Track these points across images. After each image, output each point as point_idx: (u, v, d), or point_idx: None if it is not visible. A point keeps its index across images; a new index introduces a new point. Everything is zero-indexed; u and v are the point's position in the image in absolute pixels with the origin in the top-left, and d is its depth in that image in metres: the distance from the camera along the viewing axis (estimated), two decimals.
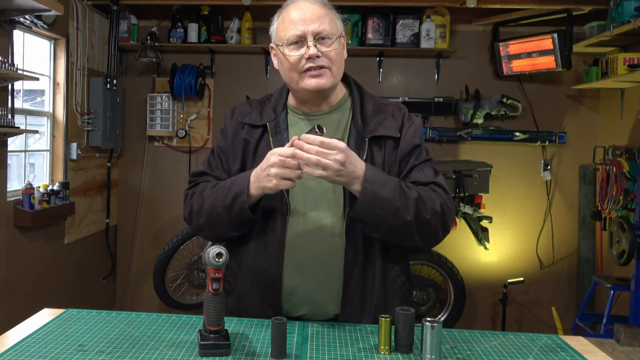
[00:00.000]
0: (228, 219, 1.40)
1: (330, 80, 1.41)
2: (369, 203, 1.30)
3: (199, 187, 1.49)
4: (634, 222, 3.20)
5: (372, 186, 1.30)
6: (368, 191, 1.30)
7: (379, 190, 1.30)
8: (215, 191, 1.42)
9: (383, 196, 1.30)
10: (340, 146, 1.25)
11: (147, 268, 4.25)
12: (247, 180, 1.37)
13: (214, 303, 1.18)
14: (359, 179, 1.30)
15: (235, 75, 4.24)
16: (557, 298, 4.15)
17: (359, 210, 1.32)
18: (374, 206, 1.30)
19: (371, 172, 1.32)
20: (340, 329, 1.35)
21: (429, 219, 1.35)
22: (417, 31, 3.91)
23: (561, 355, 1.24)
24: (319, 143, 1.25)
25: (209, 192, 1.44)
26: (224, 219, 1.40)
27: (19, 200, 3.07)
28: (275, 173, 1.29)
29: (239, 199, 1.36)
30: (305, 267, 1.41)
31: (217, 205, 1.40)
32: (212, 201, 1.41)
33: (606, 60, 3.47)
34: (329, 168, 1.25)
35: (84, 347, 1.20)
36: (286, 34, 1.41)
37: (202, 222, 1.46)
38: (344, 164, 1.26)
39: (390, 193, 1.31)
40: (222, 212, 1.39)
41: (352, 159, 1.28)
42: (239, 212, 1.37)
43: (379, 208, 1.30)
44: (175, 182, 4.25)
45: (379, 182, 1.31)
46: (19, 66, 2.97)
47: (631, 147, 3.51)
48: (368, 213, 1.32)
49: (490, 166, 3.81)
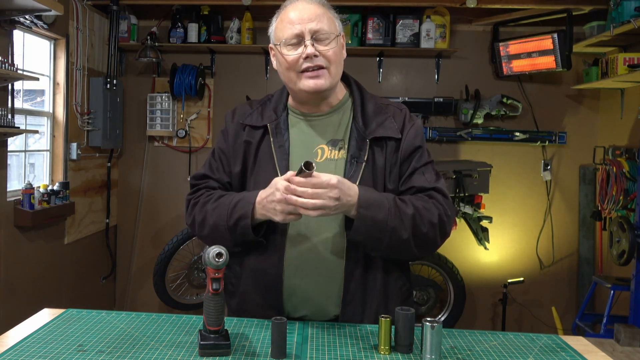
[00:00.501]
0: (230, 238, 1.40)
1: (329, 80, 1.41)
2: (364, 228, 1.32)
3: (202, 198, 1.48)
4: (634, 222, 3.20)
5: (366, 211, 1.31)
6: (362, 216, 1.31)
7: (373, 214, 1.31)
8: (219, 209, 1.42)
9: (378, 219, 1.31)
10: (333, 182, 1.25)
11: (147, 268, 4.25)
12: (251, 205, 1.36)
13: (214, 303, 1.18)
14: (354, 205, 1.31)
15: (235, 75, 4.24)
16: (557, 298, 4.15)
17: (356, 235, 1.33)
18: (370, 229, 1.32)
19: (365, 197, 1.32)
20: (341, 329, 1.36)
21: (426, 232, 1.36)
22: (417, 31, 3.91)
23: (561, 355, 1.24)
24: (311, 186, 1.25)
25: (212, 207, 1.43)
26: (227, 237, 1.40)
27: (19, 200, 3.07)
28: (281, 209, 1.30)
29: (241, 222, 1.37)
30: (305, 268, 1.41)
31: (220, 224, 1.40)
32: (215, 219, 1.41)
33: (606, 60, 3.47)
34: (326, 207, 1.26)
35: (84, 347, 1.20)
36: (284, 34, 1.41)
37: (204, 235, 1.47)
38: (339, 199, 1.27)
39: (385, 214, 1.32)
40: (225, 231, 1.40)
41: (345, 189, 1.28)
42: (241, 234, 1.38)
43: (376, 230, 1.32)
44: (175, 182, 4.25)
45: (374, 205, 1.32)
46: (19, 66, 2.97)
47: (631, 147, 3.51)
48: (365, 236, 1.33)
49: (490, 166, 3.81)
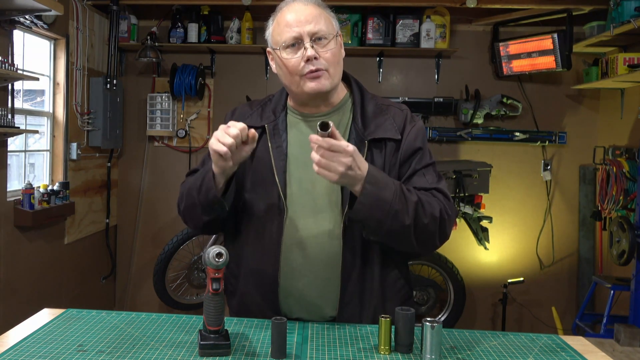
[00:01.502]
0: (199, 201, 1.40)
1: (329, 82, 1.40)
2: (368, 204, 1.28)
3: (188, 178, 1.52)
4: (634, 222, 3.20)
5: (372, 187, 1.28)
6: (368, 192, 1.27)
7: (379, 192, 1.28)
8: (194, 178, 1.44)
9: (383, 198, 1.28)
10: (349, 149, 1.23)
11: (147, 268, 4.25)
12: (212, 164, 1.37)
13: (214, 303, 1.18)
14: (361, 180, 1.28)
15: (235, 75, 4.24)
16: (557, 298, 4.15)
17: (358, 211, 1.30)
18: (373, 208, 1.28)
19: (373, 173, 1.29)
20: (341, 329, 1.35)
21: (427, 224, 1.33)
22: (417, 31, 3.91)
23: (561, 355, 1.24)
24: (327, 146, 1.23)
25: (191, 179, 1.46)
26: (196, 202, 1.40)
27: (19, 200, 3.07)
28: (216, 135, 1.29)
29: (206, 178, 1.37)
30: (302, 270, 1.41)
31: (192, 188, 1.41)
32: (189, 186, 1.44)
33: (606, 60, 3.47)
34: (333, 170, 1.23)
35: (84, 347, 1.20)
36: (282, 37, 1.39)
37: (182, 208, 1.48)
38: (350, 167, 1.24)
39: (391, 195, 1.29)
40: (195, 194, 1.40)
41: (358, 161, 1.26)
42: (205, 192, 1.37)
43: (379, 210, 1.28)
44: (175, 183, 4.23)
45: (381, 183, 1.29)
46: (19, 66, 2.97)
47: (631, 147, 3.51)
48: (367, 214, 1.30)
49: (490, 166, 3.82)
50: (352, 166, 1.24)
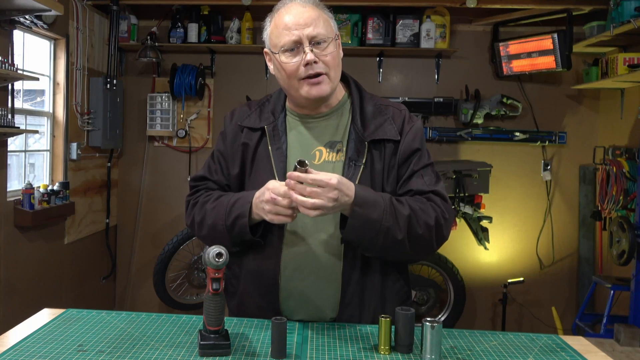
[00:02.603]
0: (229, 238, 1.40)
1: (329, 86, 1.40)
2: (359, 226, 1.30)
3: (201, 198, 1.49)
4: (634, 222, 3.20)
5: (361, 209, 1.29)
6: (357, 214, 1.29)
7: (369, 213, 1.29)
8: (218, 208, 1.42)
9: (372, 218, 1.29)
10: (333, 183, 1.23)
11: (147, 268, 4.25)
12: (248, 204, 1.36)
13: (214, 303, 1.18)
14: (350, 204, 1.29)
15: (235, 75, 4.24)
16: (557, 298, 4.15)
17: (350, 233, 1.31)
18: (364, 228, 1.30)
19: (361, 195, 1.30)
20: (340, 330, 1.36)
21: (422, 234, 1.34)
22: (417, 31, 3.91)
23: (561, 355, 1.24)
24: (310, 180, 1.23)
25: (210, 207, 1.44)
26: (226, 237, 1.40)
27: (19, 200, 3.07)
28: (269, 209, 1.30)
29: (239, 221, 1.36)
30: (302, 271, 1.41)
31: (218, 223, 1.40)
32: (214, 219, 1.42)
33: (606, 60, 3.47)
34: (324, 207, 1.24)
35: (84, 347, 1.20)
36: (281, 41, 1.38)
37: (204, 235, 1.47)
38: (337, 199, 1.25)
39: (380, 214, 1.30)
40: (223, 230, 1.40)
41: (344, 190, 1.27)
42: (239, 234, 1.38)
43: (370, 229, 1.30)
44: (175, 182, 4.26)
45: (369, 203, 1.30)
46: (19, 66, 2.97)
47: (631, 147, 3.51)
48: (359, 235, 1.31)
49: (490, 166, 3.81)
50: (339, 197, 1.25)
